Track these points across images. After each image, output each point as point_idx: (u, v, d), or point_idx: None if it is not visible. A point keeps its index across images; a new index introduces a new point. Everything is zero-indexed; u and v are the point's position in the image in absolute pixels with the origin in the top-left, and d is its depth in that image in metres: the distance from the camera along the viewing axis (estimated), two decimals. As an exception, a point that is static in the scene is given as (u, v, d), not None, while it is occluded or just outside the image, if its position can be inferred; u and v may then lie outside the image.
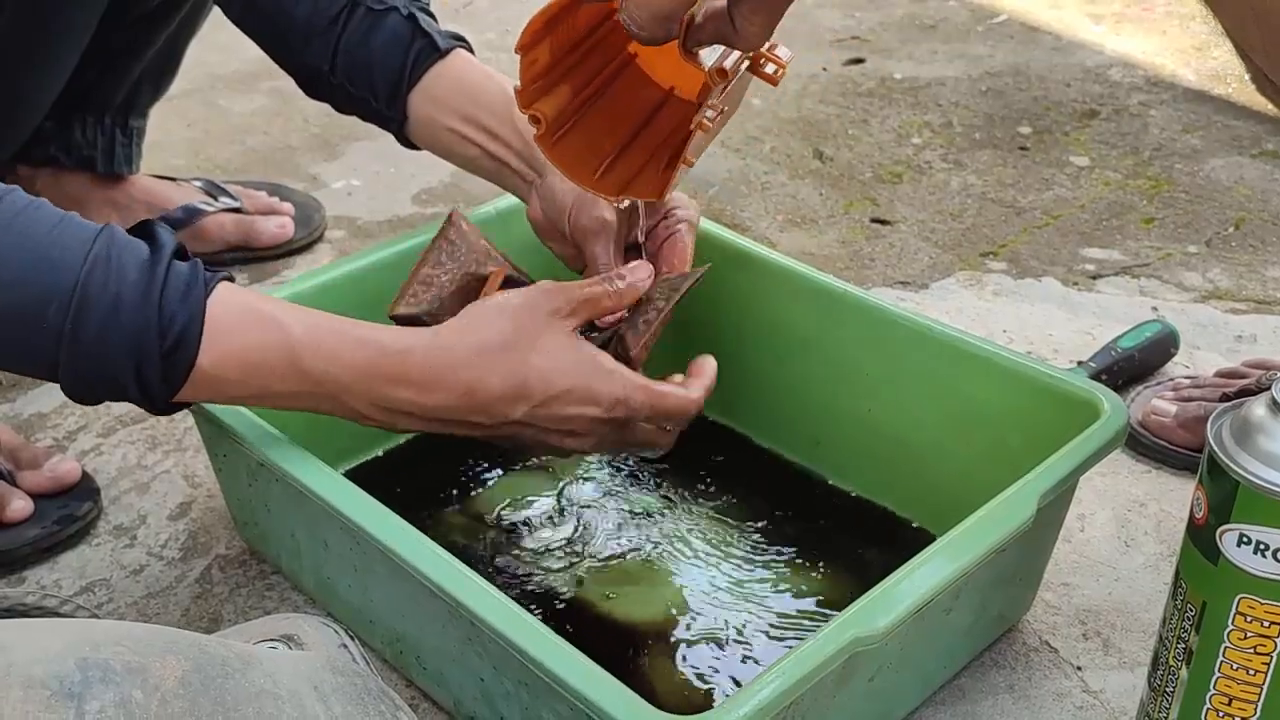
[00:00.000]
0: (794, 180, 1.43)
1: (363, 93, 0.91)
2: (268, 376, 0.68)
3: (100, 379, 0.66)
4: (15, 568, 0.87)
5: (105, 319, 0.64)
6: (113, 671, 0.46)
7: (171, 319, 0.65)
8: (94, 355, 0.65)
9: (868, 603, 0.64)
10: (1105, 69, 1.69)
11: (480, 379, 0.70)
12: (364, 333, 0.70)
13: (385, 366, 0.69)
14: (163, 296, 0.65)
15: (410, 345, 0.70)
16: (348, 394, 0.70)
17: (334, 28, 0.90)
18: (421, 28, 0.89)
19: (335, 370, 0.69)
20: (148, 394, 0.67)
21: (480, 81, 0.89)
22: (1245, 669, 0.63)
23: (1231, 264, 1.27)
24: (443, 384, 0.70)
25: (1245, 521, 0.60)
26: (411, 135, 0.92)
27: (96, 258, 0.64)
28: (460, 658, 0.70)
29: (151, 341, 0.65)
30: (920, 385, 0.86)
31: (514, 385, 0.70)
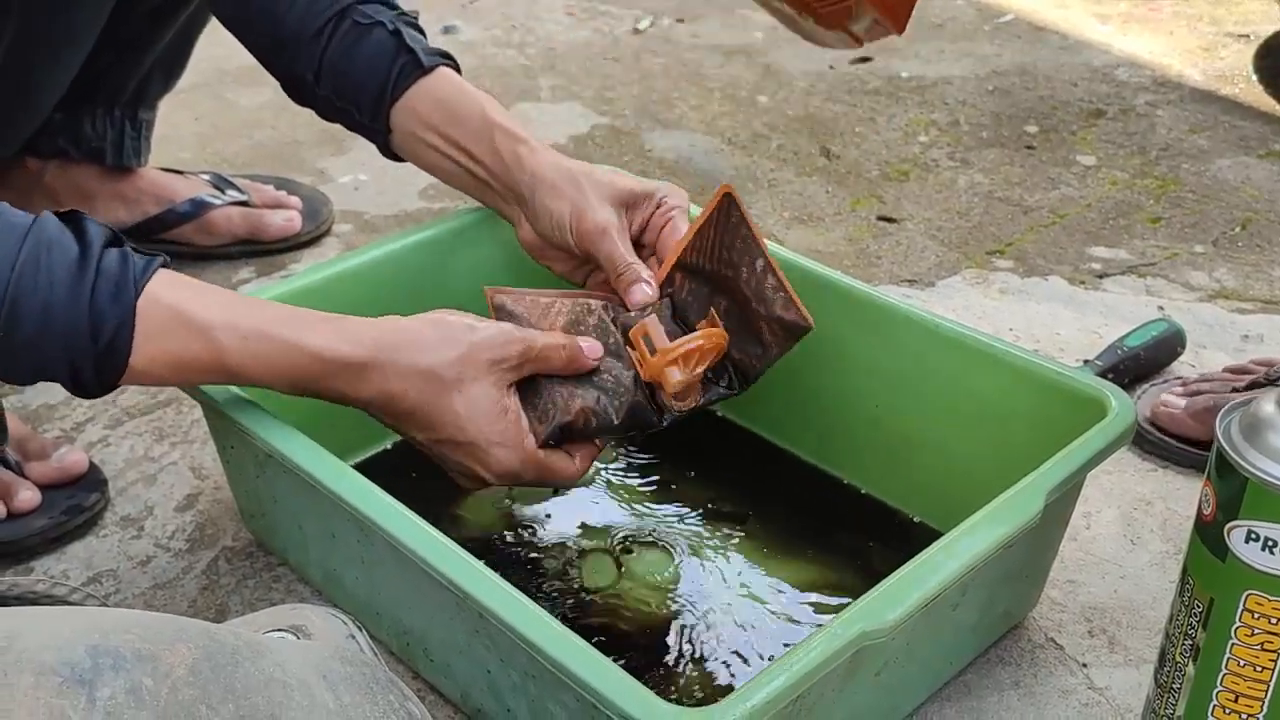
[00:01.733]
0: (801, 178, 1.43)
1: (346, 105, 0.91)
2: (197, 375, 0.70)
3: (33, 373, 0.68)
4: (23, 558, 0.87)
5: (37, 323, 0.65)
6: (123, 659, 0.46)
7: (102, 319, 0.66)
8: (28, 355, 0.66)
9: (876, 597, 0.64)
10: (1112, 69, 1.69)
11: (402, 392, 0.72)
12: (296, 337, 0.70)
13: (316, 373, 0.71)
14: (93, 298, 0.66)
15: (346, 355, 0.71)
16: (281, 389, 0.72)
17: (320, 39, 0.90)
18: (406, 44, 0.89)
19: (266, 373, 0.71)
20: (82, 388, 0.69)
21: (460, 101, 0.88)
22: (1252, 665, 0.62)
23: (1238, 264, 1.27)
24: (368, 385, 0.72)
25: (1254, 518, 0.60)
26: (395, 148, 0.92)
27: (25, 261, 0.64)
28: (467, 649, 0.70)
29: (84, 343, 0.66)
30: (928, 382, 0.86)
31: (425, 414, 0.72)
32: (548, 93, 1.63)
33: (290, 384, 0.71)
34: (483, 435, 0.73)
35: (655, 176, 1.41)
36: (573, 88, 1.64)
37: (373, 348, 0.71)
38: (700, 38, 1.80)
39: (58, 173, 1.16)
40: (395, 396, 0.72)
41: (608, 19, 1.86)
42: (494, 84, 1.65)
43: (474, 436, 0.73)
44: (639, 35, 1.81)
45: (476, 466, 0.74)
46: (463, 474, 0.76)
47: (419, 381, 0.72)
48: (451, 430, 0.73)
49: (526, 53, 1.75)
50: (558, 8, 1.89)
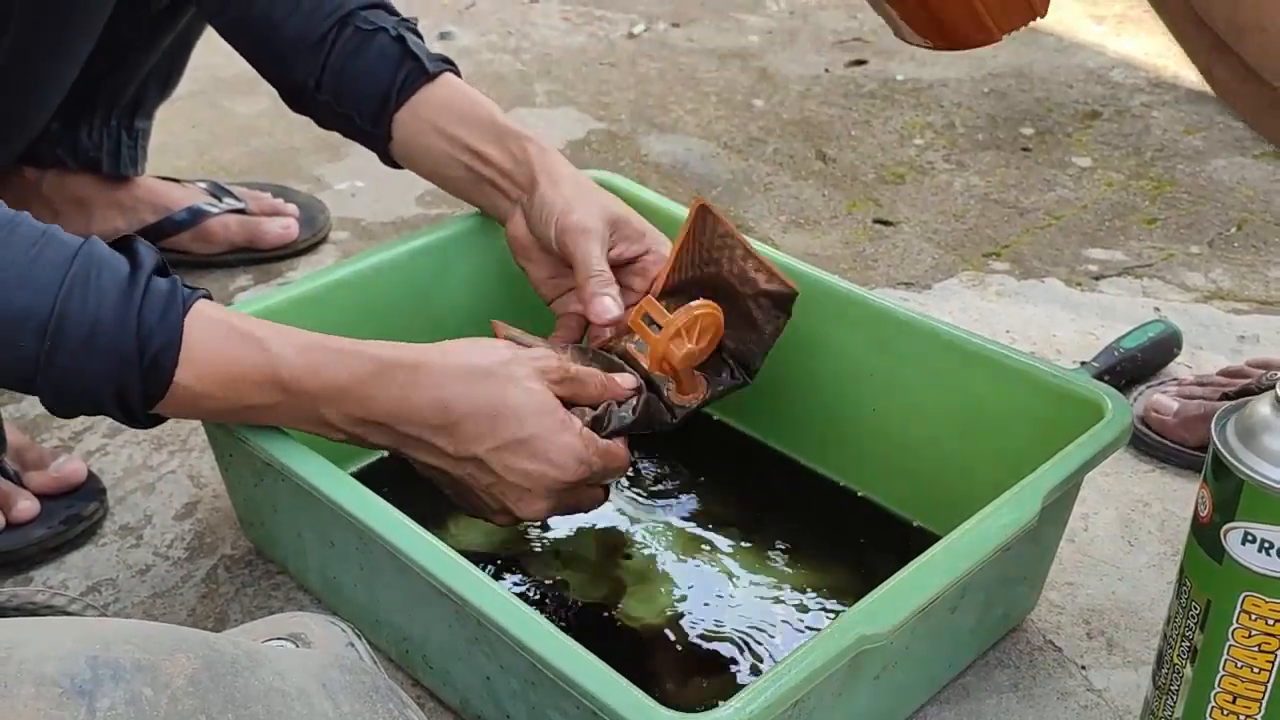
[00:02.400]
0: (797, 181, 1.43)
1: (347, 110, 0.91)
2: (246, 390, 0.69)
3: (79, 396, 0.67)
4: (22, 568, 0.87)
5: (83, 341, 0.64)
6: (123, 669, 0.46)
7: (149, 338, 0.66)
8: (73, 374, 0.65)
9: (874, 601, 0.64)
10: (1107, 70, 1.70)
11: (457, 397, 0.70)
12: (345, 346, 0.71)
13: (369, 376, 0.70)
14: (141, 316, 0.65)
15: (397, 357, 0.71)
16: (325, 404, 0.70)
17: (322, 45, 0.90)
18: (410, 50, 0.89)
19: (318, 385, 0.70)
20: (127, 411, 0.68)
21: (468, 103, 0.90)
22: (1250, 667, 0.63)
23: (1234, 264, 1.27)
24: (421, 394, 0.70)
25: (1250, 520, 0.60)
26: (395, 154, 0.92)
27: (75, 278, 0.64)
28: (467, 657, 0.71)
29: (131, 361, 0.65)
30: (925, 385, 0.86)
31: (487, 413, 0.70)
32: (544, 98, 1.63)
33: (339, 392, 0.70)
34: (544, 425, 0.71)
35: (651, 181, 1.42)
36: (568, 93, 1.65)
37: (423, 351, 0.72)
38: (695, 42, 1.80)
39: (55, 182, 1.16)
40: (449, 401, 0.70)
41: (603, 24, 1.86)
42: (490, 90, 1.65)
43: (535, 429, 0.70)
44: (634, 40, 1.81)
45: (542, 466, 0.71)
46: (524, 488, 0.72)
47: (472, 380, 0.70)
48: (512, 427, 0.70)
49: (522, 58, 1.75)
50: (553, 13, 1.90)
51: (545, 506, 0.73)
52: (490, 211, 0.92)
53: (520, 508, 0.73)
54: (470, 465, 0.72)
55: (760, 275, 0.82)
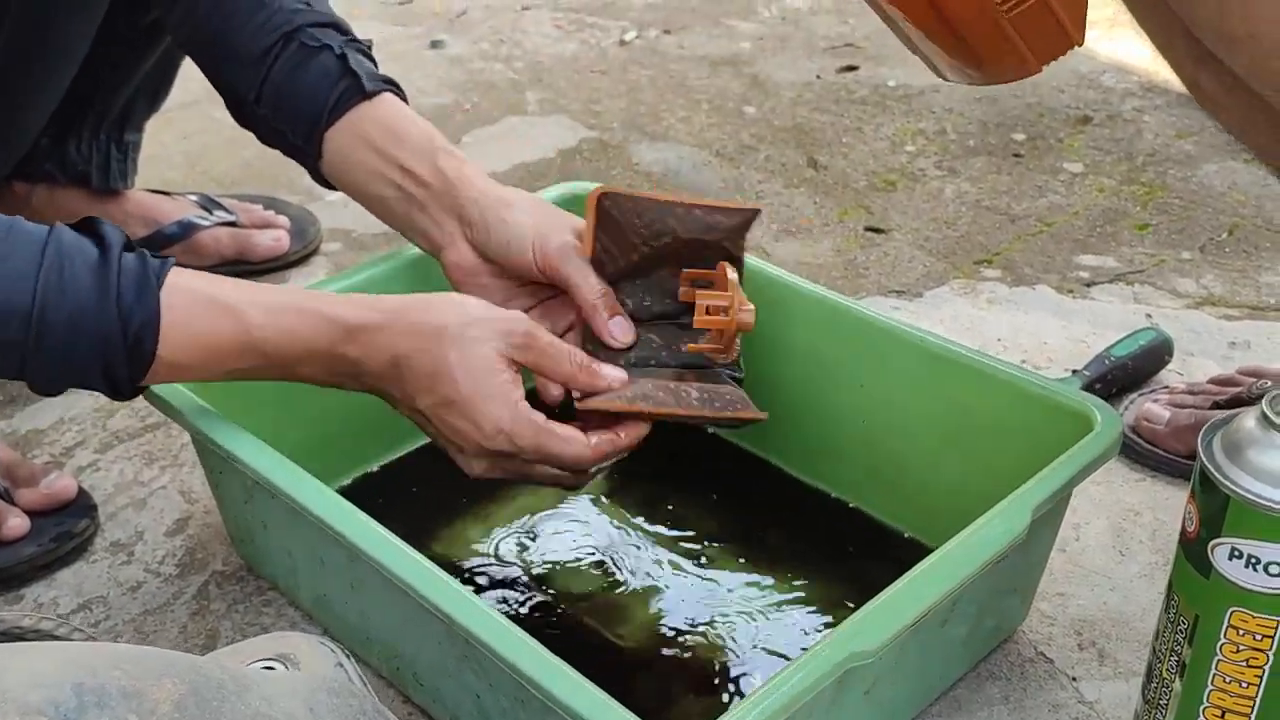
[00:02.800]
0: (788, 189, 1.43)
1: (281, 126, 0.91)
2: (224, 358, 0.72)
3: (68, 378, 0.70)
4: (12, 585, 0.87)
5: (67, 327, 0.67)
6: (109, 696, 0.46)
7: (129, 317, 0.68)
8: (60, 360, 0.68)
9: (863, 617, 0.64)
10: (1098, 75, 1.70)
11: (407, 354, 0.73)
12: (316, 308, 0.73)
13: (336, 339, 0.73)
14: (119, 296, 0.68)
15: (362, 319, 0.73)
16: (299, 364, 0.73)
17: (265, 59, 0.90)
18: (350, 68, 0.88)
19: (292, 347, 0.72)
20: (113, 385, 0.71)
21: (404, 124, 0.88)
22: (1238, 681, 0.63)
23: (1225, 270, 1.27)
24: (379, 353, 0.73)
25: (1236, 535, 0.60)
26: (325, 172, 0.91)
27: (49, 269, 0.67)
28: (457, 675, 0.70)
29: (115, 341, 0.68)
30: (914, 397, 0.87)
31: (428, 370, 0.72)
32: (535, 106, 1.63)
33: (311, 354, 0.73)
34: (475, 389, 0.72)
35: (644, 189, 1.41)
36: (560, 101, 1.65)
37: (388, 311, 0.74)
38: (687, 49, 1.80)
39: (45, 197, 1.16)
40: (403, 357, 0.72)
41: (594, 31, 1.86)
42: (482, 98, 1.65)
43: (467, 392, 0.72)
44: (625, 47, 1.81)
45: (469, 427, 0.72)
46: (458, 445, 0.74)
47: (424, 340, 0.72)
48: (446, 386, 0.72)
49: (514, 66, 1.75)
50: (545, 21, 1.90)
51: (482, 467, 0.75)
52: (420, 239, 0.88)
53: (460, 463, 0.75)
54: (418, 417, 0.75)
55: (717, 214, 0.82)
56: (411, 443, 0.95)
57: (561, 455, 0.74)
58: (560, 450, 0.73)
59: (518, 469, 0.75)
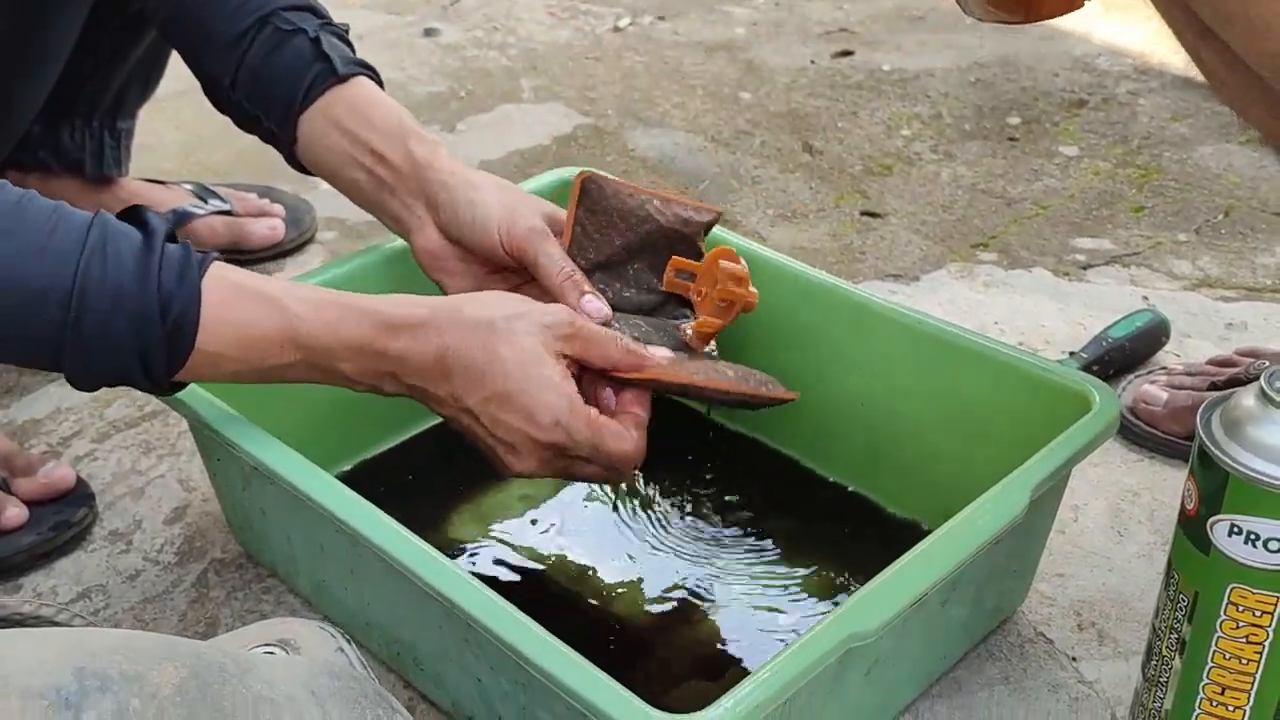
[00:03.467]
0: (784, 174, 1.43)
1: (256, 110, 0.90)
2: (265, 350, 0.70)
3: (105, 364, 0.67)
4: (11, 575, 0.87)
5: (107, 308, 0.65)
6: (110, 680, 0.46)
7: (169, 302, 0.67)
8: (98, 343, 0.66)
9: (862, 599, 0.64)
10: (1093, 58, 1.70)
11: (454, 349, 0.71)
12: (357, 303, 0.72)
13: (379, 332, 0.71)
14: (160, 281, 0.66)
15: (406, 315, 0.72)
16: (342, 360, 0.72)
17: (240, 43, 0.89)
18: (324, 51, 0.88)
19: (334, 341, 0.71)
20: (151, 376, 0.68)
21: (375, 106, 0.87)
22: (1238, 658, 0.63)
23: (1221, 251, 1.27)
24: (424, 348, 0.71)
25: (1236, 512, 0.60)
26: (300, 156, 0.90)
27: (93, 248, 0.65)
28: (457, 659, 0.71)
29: (154, 325, 0.66)
30: (912, 379, 0.87)
31: (479, 365, 0.71)
32: (530, 93, 1.63)
33: (353, 349, 0.71)
34: (529, 382, 0.71)
35: (639, 176, 1.41)
36: (555, 88, 1.64)
37: (432, 307, 0.72)
38: (681, 35, 1.80)
39: (39, 185, 1.15)
40: (449, 351, 0.71)
41: (589, 18, 1.86)
42: (476, 85, 1.65)
43: (520, 383, 0.70)
44: (620, 34, 1.81)
45: (522, 422, 0.71)
46: (509, 443, 0.72)
47: (472, 333, 0.71)
48: (499, 380, 0.70)
49: (508, 54, 1.75)
50: (538, 8, 1.89)
51: (533, 464, 0.73)
52: (390, 223, 0.88)
53: (509, 461, 0.73)
54: (466, 416, 0.72)
55: (693, 211, 0.85)
56: (410, 429, 0.95)
57: (615, 451, 0.73)
58: (615, 447, 0.72)
59: (567, 467, 0.74)
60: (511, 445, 0.72)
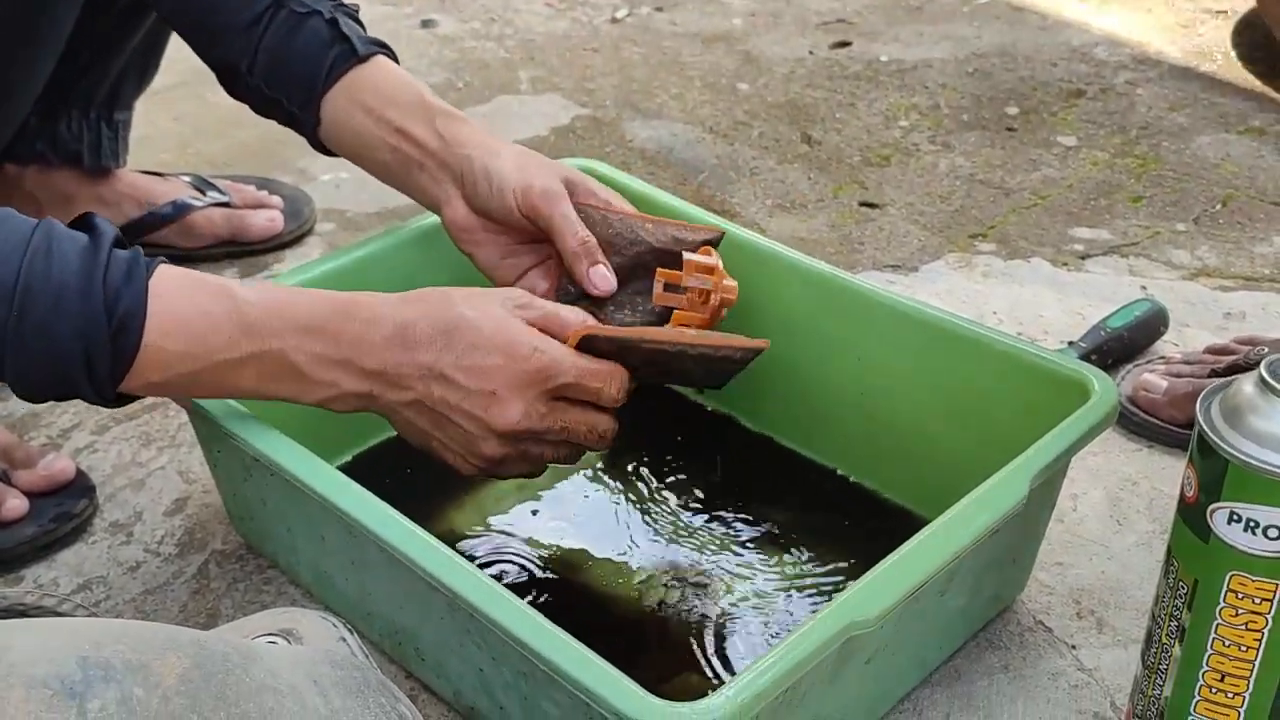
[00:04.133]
0: (782, 165, 1.43)
1: (277, 94, 0.90)
2: (214, 341, 0.68)
3: (48, 368, 0.65)
4: (12, 566, 0.87)
5: (50, 306, 0.64)
6: (114, 669, 0.46)
7: (116, 298, 0.65)
8: (41, 343, 0.64)
9: (862, 587, 0.64)
10: (1091, 48, 1.69)
11: (416, 319, 0.70)
12: (309, 290, 0.72)
13: (332, 314, 0.70)
14: (106, 279, 0.65)
15: (357, 298, 0.71)
16: (293, 347, 0.69)
17: (256, 28, 0.89)
18: (342, 32, 0.88)
19: (282, 323, 0.69)
20: (95, 380, 0.66)
21: (398, 85, 0.88)
22: (1237, 646, 0.63)
23: (1220, 241, 1.27)
24: (382, 327, 0.70)
25: (1235, 499, 0.60)
26: (324, 138, 0.90)
27: (36, 249, 0.64)
28: (459, 649, 0.71)
29: (99, 323, 0.65)
30: (911, 368, 0.87)
31: (443, 328, 0.70)
32: (528, 85, 1.63)
33: (307, 331, 0.69)
34: (499, 329, 0.70)
35: (637, 167, 1.41)
36: (553, 79, 1.64)
37: (384, 298, 0.72)
38: (679, 26, 1.80)
39: (37, 178, 1.16)
40: (408, 324, 0.70)
41: (586, 9, 1.86)
42: (474, 77, 1.65)
43: (491, 332, 0.69)
44: (618, 25, 1.81)
45: (502, 360, 0.69)
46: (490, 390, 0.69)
47: (429, 305, 0.70)
48: (469, 332, 0.69)
49: (506, 45, 1.74)
50: (536, -1, 1.89)
51: (518, 409, 0.70)
52: (421, 199, 0.89)
53: (492, 415, 0.70)
54: (436, 385, 0.70)
55: (688, 232, 0.86)
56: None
57: (600, 371, 0.71)
58: (599, 367, 0.71)
59: (552, 411, 0.71)
60: (491, 392, 0.69)
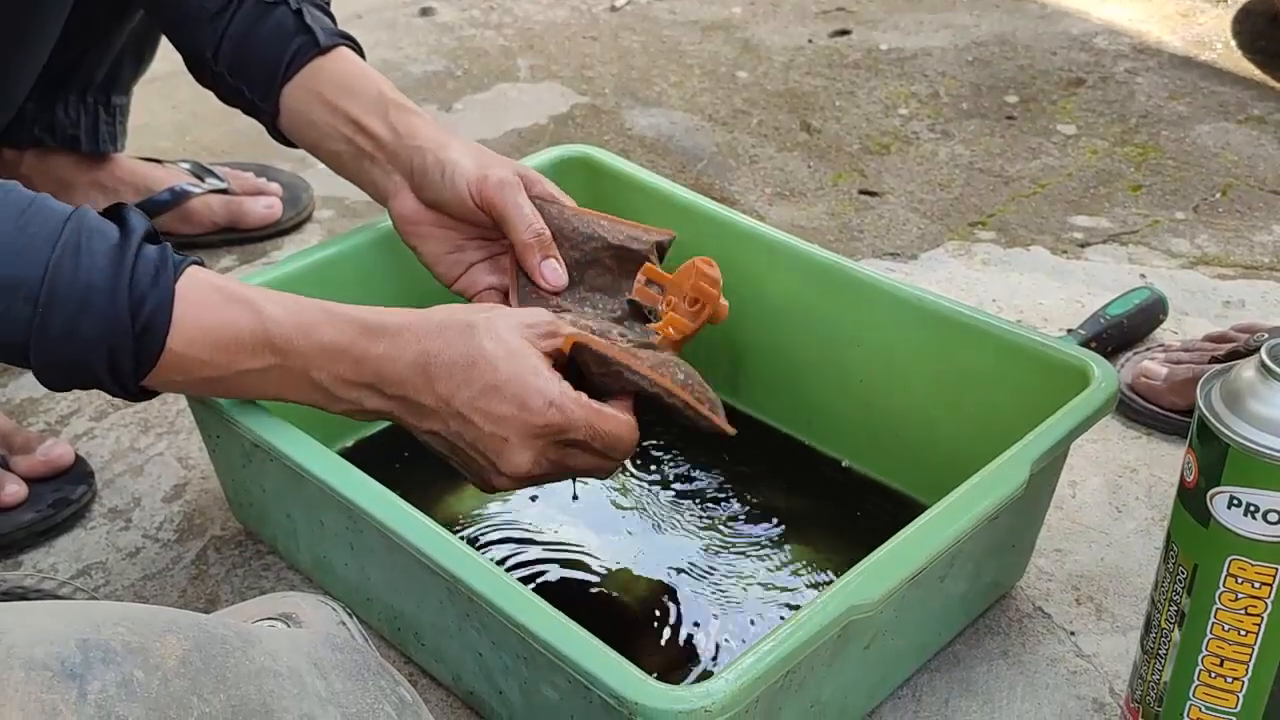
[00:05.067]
0: (782, 153, 1.43)
1: (239, 83, 0.90)
2: (238, 354, 0.68)
3: (72, 365, 0.66)
4: (11, 552, 0.87)
5: (76, 306, 0.64)
6: (114, 652, 0.46)
7: (141, 302, 0.65)
8: (65, 342, 0.65)
9: (863, 571, 0.64)
10: (1091, 36, 1.69)
11: (437, 351, 0.70)
12: (335, 308, 0.71)
13: (357, 337, 0.70)
14: (133, 281, 0.65)
15: (382, 321, 0.71)
16: (316, 367, 0.70)
17: (222, 16, 0.89)
18: (306, 23, 0.88)
19: (307, 344, 0.69)
20: (119, 378, 0.67)
21: (356, 77, 0.87)
22: (1237, 630, 0.63)
23: (1219, 230, 1.27)
24: (404, 353, 0.70)
25: (1235, 484, 0.60)
26: (283, 128, 0.90)
27: (66, 245, 0.64)
28: (458, 633, 0.71)
29: (124, 325, 0.65)
30: (911, 355, 0.87)
31: (464, 363, 0.69)
32: (526, 73, 1.62)
33: (330, 354, 0.69)
34: (517, 369, 0.69)
35: (636, 155, 1.41)
36: (552, 67, 1.64)
37: (410, 314, 0.72)
38: (678, 14, 1.79)
39: (35, 163, 1.15)
40: (430, 355, 0.69)
41: (585, -3, 1.85)
42: (473, 65, 1.64)
43: (508, 373, 0.69)
44: (616, 13, 1.80)
45: (515, 410, 0.69)
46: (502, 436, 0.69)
47: (452, 334, 0.70)
48: (487, 373, 0.69)
49: (504, 33, 1.74)
50: (535, -13, 1.89)
51: (528, 456, 0.70)
52: (371, 191, 0.88)
53: (503, 461, 0.70)
54: (454, 420, 0.70)
55: (641, 231, 0.85)
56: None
57: (611, 430, 0.71)
58: (610, 425, 0.71)
59: (562, 459, 0.71)
60: (504, 439, 0.69)
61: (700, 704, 0.57)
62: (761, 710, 0.62)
